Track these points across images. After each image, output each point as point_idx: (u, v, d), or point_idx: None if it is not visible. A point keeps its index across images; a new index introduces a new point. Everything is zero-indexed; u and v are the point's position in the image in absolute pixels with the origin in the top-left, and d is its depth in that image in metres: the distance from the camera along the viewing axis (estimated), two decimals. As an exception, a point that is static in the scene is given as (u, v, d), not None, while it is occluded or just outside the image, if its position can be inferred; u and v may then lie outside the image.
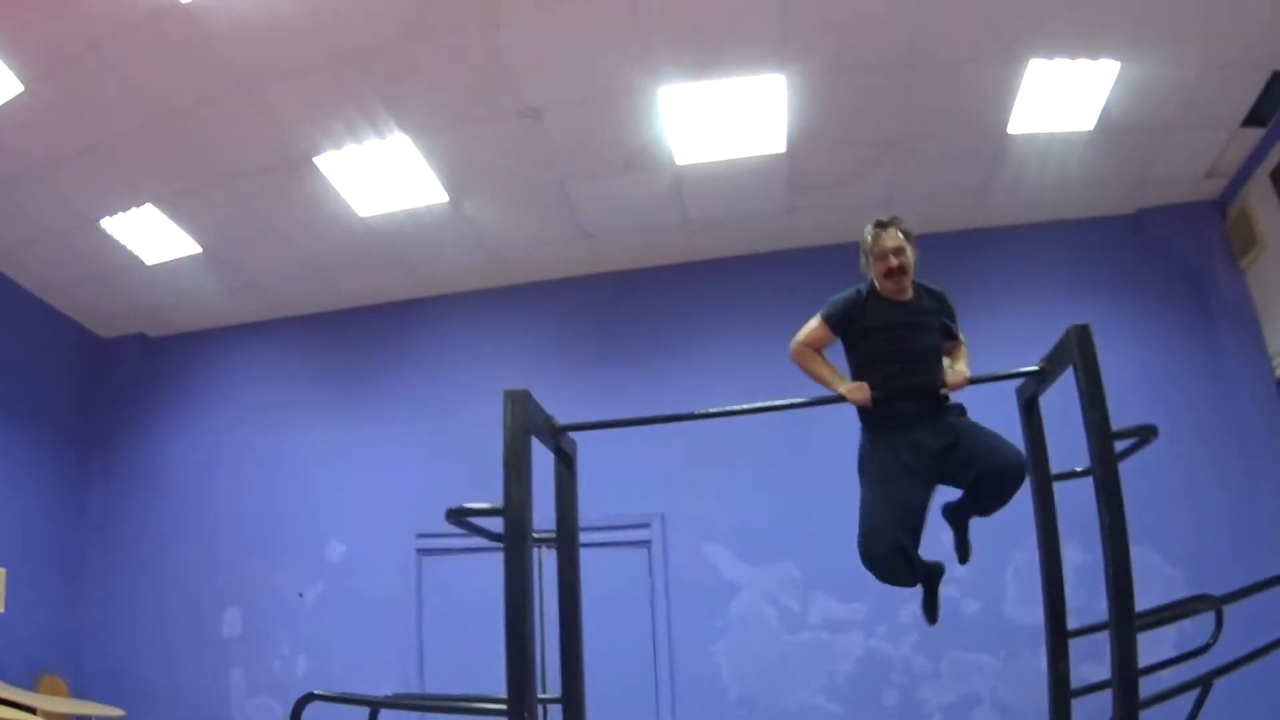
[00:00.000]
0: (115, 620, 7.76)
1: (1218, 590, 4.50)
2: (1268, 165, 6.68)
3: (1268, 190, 6.77)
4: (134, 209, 6.58)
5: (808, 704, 6.40)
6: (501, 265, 7.29)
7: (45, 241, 6.97)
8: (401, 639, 6.84)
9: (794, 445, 6.46)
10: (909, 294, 4.13)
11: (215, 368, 7.81)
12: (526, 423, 3.70)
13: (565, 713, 4.11)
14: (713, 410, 4.53)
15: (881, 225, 4.07)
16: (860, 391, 3.89)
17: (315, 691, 4.16)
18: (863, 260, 4.15)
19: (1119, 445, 3.92)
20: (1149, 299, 7.12)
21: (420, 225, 6.77)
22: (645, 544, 6.66)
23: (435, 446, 7.08)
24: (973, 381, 4.14)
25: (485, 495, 5.65)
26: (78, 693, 7.36)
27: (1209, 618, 4.68)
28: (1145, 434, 4.24)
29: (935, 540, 4.19)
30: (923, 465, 3.99)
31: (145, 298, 7.73)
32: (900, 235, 4.05)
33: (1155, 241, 7.24)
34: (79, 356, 8.29)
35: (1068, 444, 4.31)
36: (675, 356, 6.97)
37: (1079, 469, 4.30)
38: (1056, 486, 4.48)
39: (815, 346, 4.11)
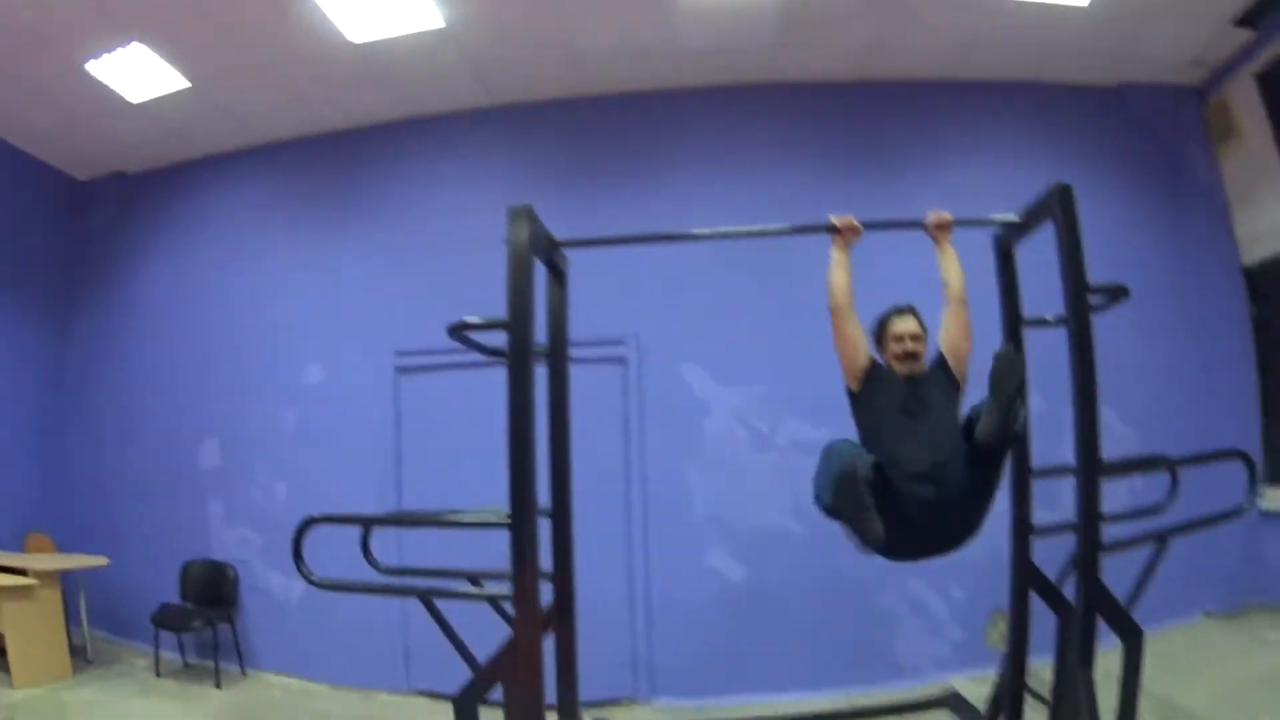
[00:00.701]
0: (97, 470, 7.81)
1: (1169, 454, 4.82)
2: (1253, 66, 6.81)
3: (1251, 90, 6.92)
4: (120, 49, 6.39)
5: (774, 523, 6.56)
6: (489, 87, 7.16)
7: (27, 92, 6.83)
8: (379, 458, 6.88)
9: (769, 272, 6.52)
10: (921, 370, 4.06)
11: (196, 200, 7.70)
12: (530, 237, 3.78)
13: (554, 523, 4.28)
14: (699, 231, 4.64)
15: (899, 312, 4.12)
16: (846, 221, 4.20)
17: (314, 515, 4.20)
18: (876, 335, 4.15)
19: (1091, 300, 4.15)
20: (1123, 170, 7.24)
21: (410, 49, 6.60)
22: (621, 362, 6.70)
23: (412, 267, 7.05)
24: (956, 223, 4.36)
25: (462, 313, 5.87)
26: (64, 547, 7.48)
27: (1160, 483, 4.96)
28: (1116, 292, 4.50)
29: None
30: None
31: (128, 136, 7.56)
32: (915, 319, 4.10)
33: (1135, 116, 7.33)
34: (56, 201, 8.13)
35: (1034, 296, 4.62)
36: (659, 182, 6.93)
37: (1050, 318, 4.56)
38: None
39: (848, 310, 4.09)
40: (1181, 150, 7.38)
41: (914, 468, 3.71)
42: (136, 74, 6.64)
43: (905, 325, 4.05)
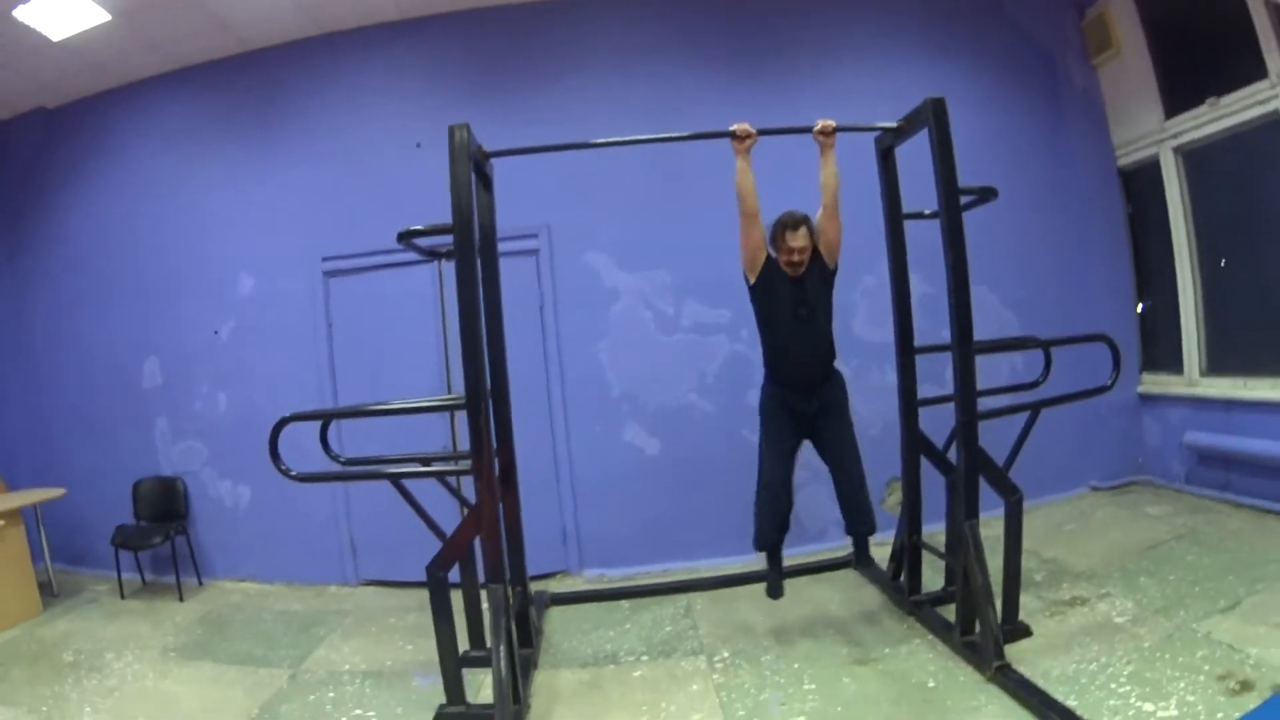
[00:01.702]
0: (39, 405, 7.84)
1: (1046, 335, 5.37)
2: (1134, -11, 7.23)
3: (1129, 6, 7.33)
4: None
5: (682, 400, 6.96)
6: (399, 2, 7.17)
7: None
8: (314, 361, 7.04)
9: (670, 167, 6.73)
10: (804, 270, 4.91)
11: (121, 127, 7.65)
12: (469, 150, 4.11)
13: (495, 404, 4.65)
14: (610, 140, 5.08)
15: (792, 224, 4.82)
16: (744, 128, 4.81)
17: (287, 415, 4.55)
18: (772, 239, 4.92)
19: (964, 199, 4.68)
20: (1005, 77, 7.57)
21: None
22: (534, 253, 6.92)
23: (334, 176, 7.14)
24: (839, 130, 4.81)
25: (384, 217, 6.08)
26: (15, 485, 7.51)
27: (1040, 362, 5.55)
28: (986, 193, 5.07)
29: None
30: (794, 423, 4.97)
31: (48, 73, 7.48)
32: (805, 232, 4.82)
33: (1014, 21, 7.66)
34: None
35: (918, 190, 5.04)
36: (569, 85, 7.06)
37: (927, 211, 5.04)
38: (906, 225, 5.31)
39: (755, 215, 4.85)
40: (1058, 57, 7.75)
41: (798, 370, 4.93)
42: (60, 13, 6.58)
43: (797, 240, 4.81)
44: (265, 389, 7.09)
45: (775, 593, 5.08)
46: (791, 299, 4.88)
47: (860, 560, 5.14)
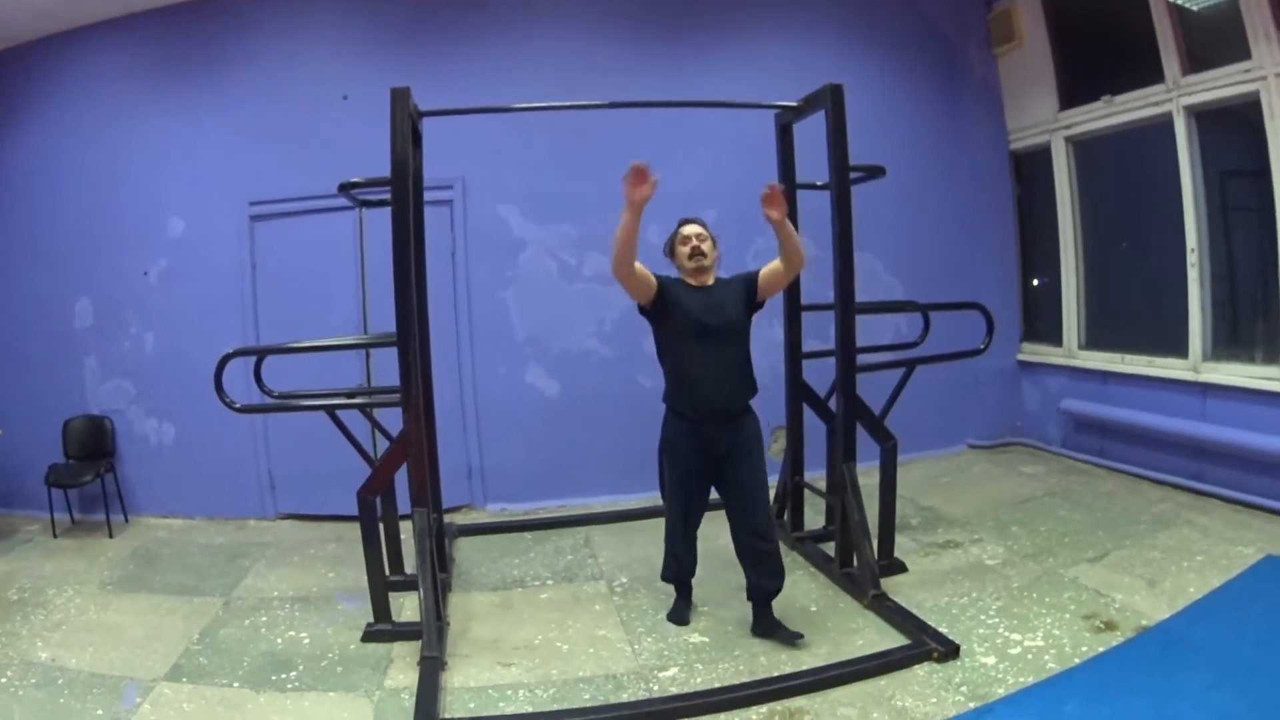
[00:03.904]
0: None
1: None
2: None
3: (1036, 5, 7.81)
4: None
5: (583, 345, 7.34)
6: None
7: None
8: (238, 302, 7.15)
9: (577, 126, 6.85)
10: (711, 280, 4.49)
11: (52, 74, 7.56)
12: (409, 111, 4.44)
13: (420, 343, 4.87)
14: (527, 105, 5.48)
15: (685, 221, 4.51)
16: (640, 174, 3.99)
17: (230, 351, 4.87)
18: (668, 248, 4.55)
19: (854, 175, 5.08)
20: (908, 59, 8.02)
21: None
22: (449, 203, 7.15)
23: (265, 124, 7.20)
24: (736, 105, 5.31)
25: (310, 165, 6.62)
26: None
27: (935, 327, 6.08)
28: (874, 171, 5.56)
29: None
30: (703, 464, 4.46)
31: None
32: (700, 225, 4.48)
33: (922, 9, 8.11)
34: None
35: (816, 160, 5.31)
36: (491, 42, 7.24)
37: (819, 183, 5.42)
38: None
39: (633, 265, 4.19)
40: (961, 45, 8.23)
41: (711, 396, 4.35)
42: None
43: (691, 228, 4.48)
44: (191, 329, 7.17)
45: (682, 620, 4.79)
46: (700, 308, 4.35)
47: (763, 627, 4.53)
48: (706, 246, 4.42)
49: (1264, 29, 5.84)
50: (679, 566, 4.76)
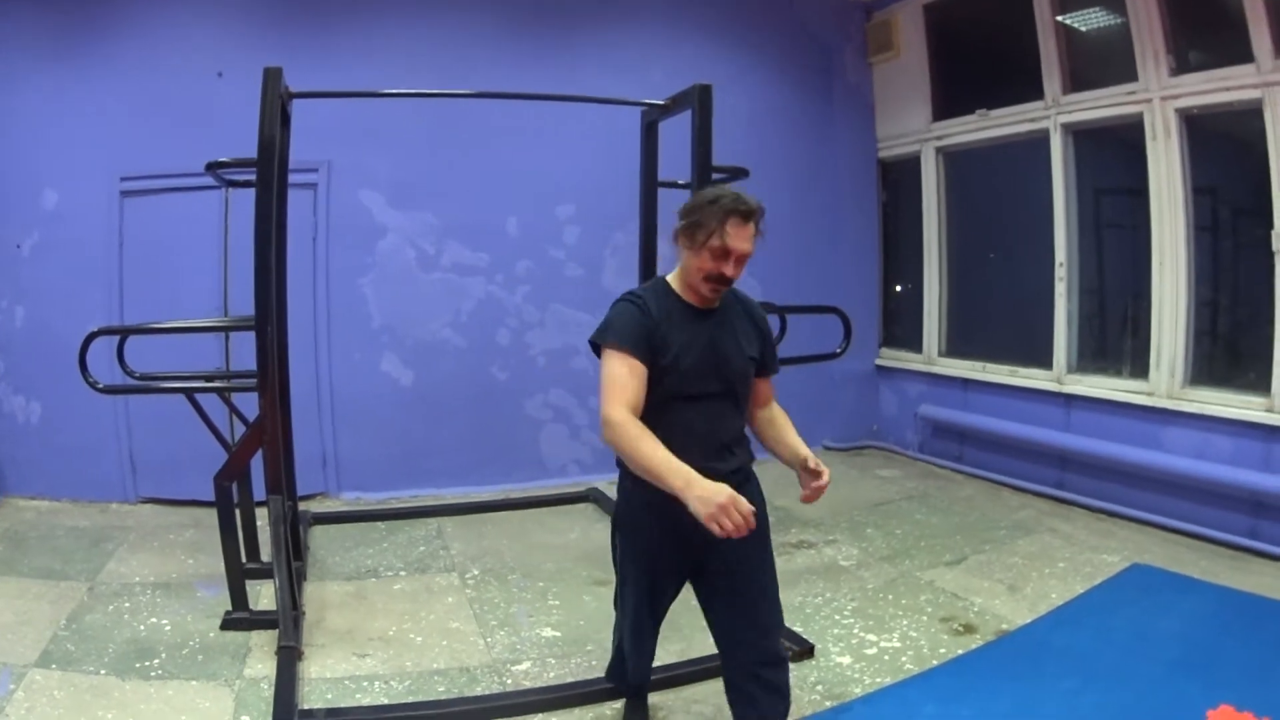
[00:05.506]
0: None
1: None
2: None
3: (918, 17, 8.05)
4: None
5: (438, 335, 7.37)
6: None
7: None
8: (105, 279, 7.00)
9: (443, 115, 6.94)
10: (718, 302, 3.04)
11: None
12: (279, 92, 4.43)
13: (278, 328, 4.86)
14: (410, 91, 5.49)
15: (737, 213, 2.84)
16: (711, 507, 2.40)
17: (95, 329, 4.81)
18: (686, 236, 2.91)
19: (716, 176, 5.13)
20: (781, 60, 8.20)
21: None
22: (312, 187, 7.09)
23: (138, 98, 7.04)
24: (600, 101, 5.34)
25: (182, 142, 6.51)
26: None
27: (797, 329, 6.03)
28: (736, 172, 5.62)
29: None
30: (678, 553, 3.02)
31: None
32: (754, 226, 2.91)
33: (798, 13, 8.29)
34: None
35: (678, 159, 5.37)
36: (363, 25, 7.22)
37: (680, 181, 5.51)
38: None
39: (636, 406, 2.76)
40: (838, 52, 8.46)
41: (702, 460, 2.70)
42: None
43: (740, 242, 2.85)
44: (60, 305, 7.00)
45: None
46: (703, 347, 2.93)
47: None
48: (739, 274, 2.93)
49: (1153, 51, 6.07)
50: (627, 671, 3.47)
